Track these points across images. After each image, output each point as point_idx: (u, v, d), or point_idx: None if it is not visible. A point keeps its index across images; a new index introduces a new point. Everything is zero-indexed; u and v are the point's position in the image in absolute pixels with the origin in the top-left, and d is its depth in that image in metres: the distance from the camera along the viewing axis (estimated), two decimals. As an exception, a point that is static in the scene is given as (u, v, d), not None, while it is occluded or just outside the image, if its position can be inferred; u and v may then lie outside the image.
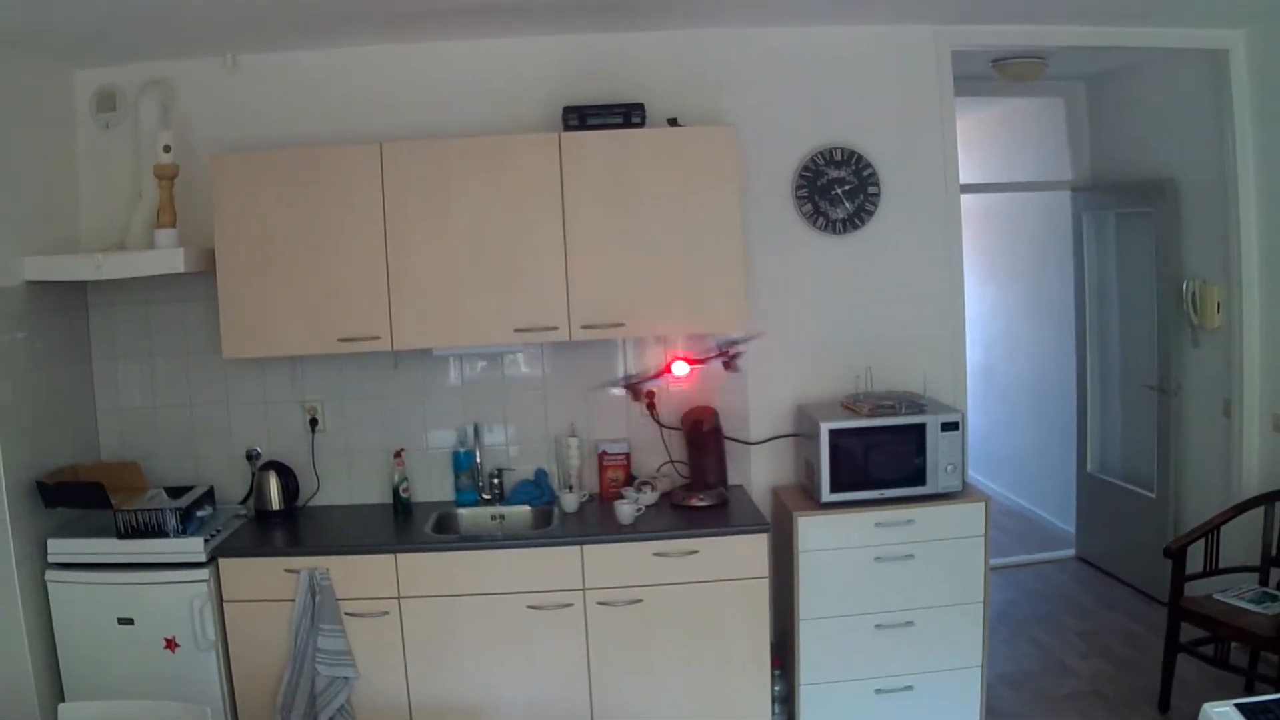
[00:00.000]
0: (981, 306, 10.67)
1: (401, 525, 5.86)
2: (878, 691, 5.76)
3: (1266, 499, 6.25)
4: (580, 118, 5.77)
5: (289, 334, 5.65)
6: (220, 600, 5.44)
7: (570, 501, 5.90)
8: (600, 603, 5.45)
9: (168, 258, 5.53)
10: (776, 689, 5.76)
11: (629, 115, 5.78)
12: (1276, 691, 4.29)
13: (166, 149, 5.68)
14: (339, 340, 5.63)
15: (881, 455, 5.73)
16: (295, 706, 5.37)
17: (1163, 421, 7.64)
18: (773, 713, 5.70)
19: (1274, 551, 6.16)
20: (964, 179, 6.66)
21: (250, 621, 5.44)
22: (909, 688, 5.77)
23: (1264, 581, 6.14)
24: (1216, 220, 6.90)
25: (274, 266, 5.59)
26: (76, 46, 5.69)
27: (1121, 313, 8.37)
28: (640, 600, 5.46)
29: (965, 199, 6.70)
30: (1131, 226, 8.12)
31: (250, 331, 5.64)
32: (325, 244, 5.59)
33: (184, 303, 6.13)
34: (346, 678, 5.38)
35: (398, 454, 6.10)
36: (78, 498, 5.50)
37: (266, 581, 5.41)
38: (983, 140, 10.34)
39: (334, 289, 5.61)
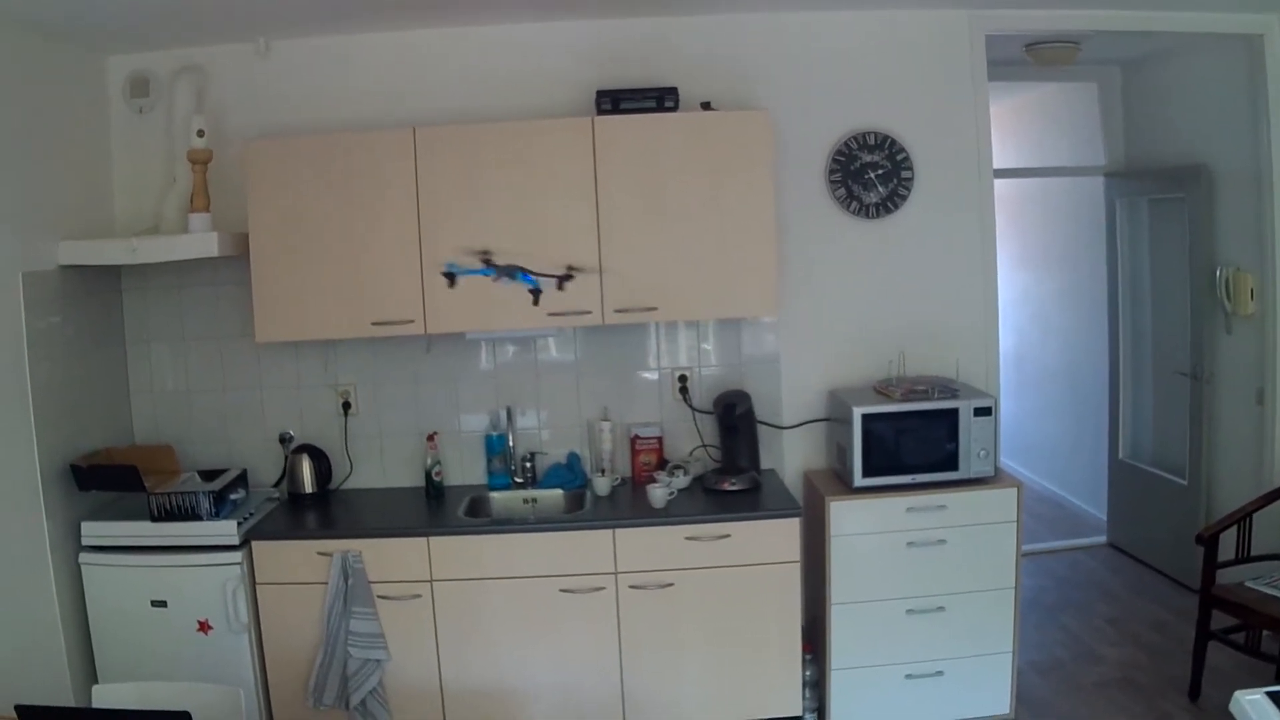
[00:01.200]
0: (1014, 292, 10.65)
1: (434, 508, 5.88)
2: (908, 677, 5.76)
3: (1299, 486, 6.24)
4: (613, 102, 5.77)
5: (322, 317, 5.68)
6: (253, 583, 5.47)
7: (602, 485, 5.92)
8: (632, 586, 5.46)
9: (201, 242, 5.56)
10: (807, 673, 5.76)
11: (662, 99, 5.78)
12: (1309, 680, 4.28)
13: (200, 134, 5.71)
14: (372, 324, 5.65)
15: (914, 440, 5.72)
16: (327, 689, 5.40)
17: (1195, 408, 7.61)
18: (803, 697, 5.71)
19: (1307, 539, 6.15)
20: (997, 164, 6.64)
21: (283, 604, 5.47)
22: (939, 673, 5.78)
23: (1296, 569, 6.12)
24: (1251, 206, 6.86)
25: (307, 250, 5.62)
26: (110, 33, 5.71)
27: (1154, 299, 8.33)
28: (672, 584, 5.47)
29: (998, 184, 6.68)
30: (1165, 212, 8.07)
31: (283, 315, 5.66)
32: (358, 228, 5.61)
33: (217, 286, 6.15)
34: (379, 660, 5.40)
35: (430, 437, 6.12)
36: (111, 481, 5.54)
37: (299, 564, 5.44)
38: (1016, 125, 10.30)
39: (367, 273, 5.63)
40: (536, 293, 5.60)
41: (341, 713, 5.43)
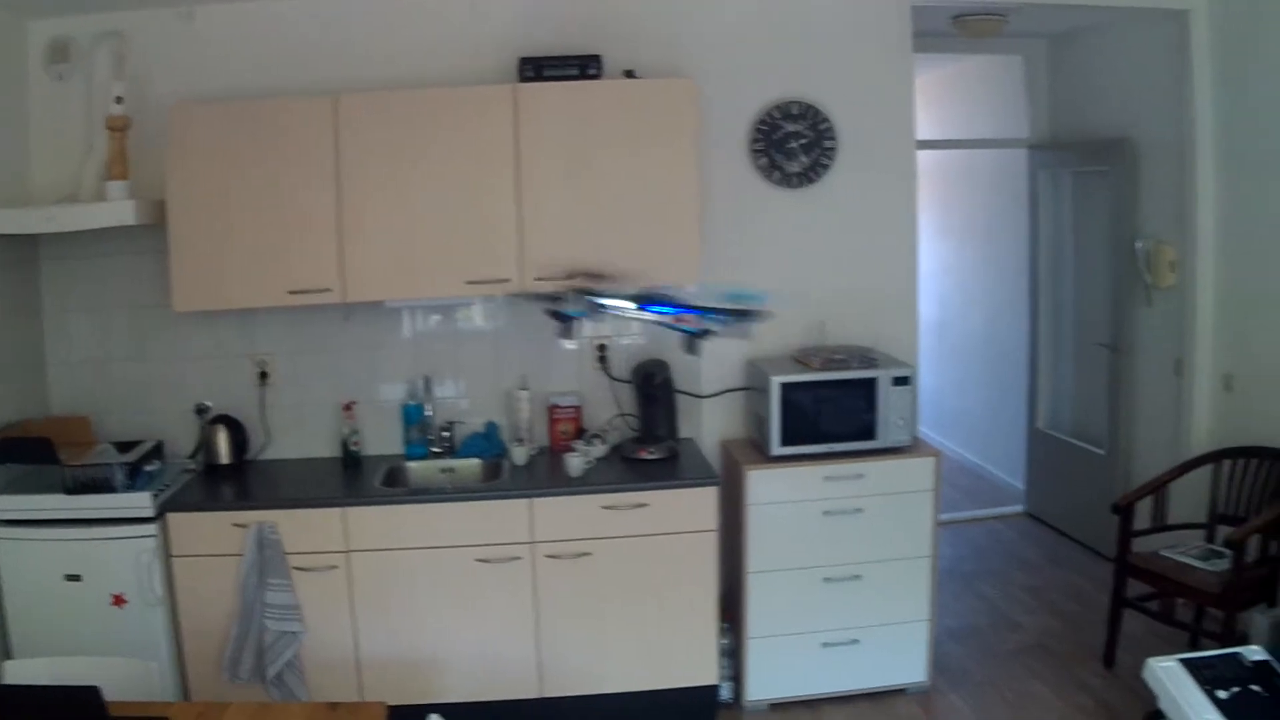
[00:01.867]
0: (936, 263, 10.74)
1: (350, 478, 5.86)
2: (825, 645, 5.81)
3: (1214, 457, 6.32)
4: (536, 69, 5.75)
5: (240, 286, 5.63)
6: (168, 555, 5.42)
7: (520, 454, 5.91)
8: (549, 555, 5.47)
9: (119, 210, 5.50)
10: (724, 642, 5.78)
11: (585, 67, 5.76)
12: (1221, 647, 4.33)
13: (119, 100, 5.65)
14: (289, 292, 5.61)
15: (832, 409, 5.75)
16: (243, 662, 5.38)
17: (1114, 379, 7.69)
18: (720, 665, 5.74)
19: (1221, 509, 6.22)
20: (922, 135, 6.69)
21: (198, 577, 5.42)
22: (856, 641, 5.83)
23: (1210, 539, 6.20)
24: (1172, 180, 6.93)
25: (226, 218, 5.56)
26: (30, -3, 5.65)
27: (1075, 270, 8.41)
28: (589, 553, 5.48)
29: (923, 155, 6.73)
30: (1088, 185, 8.14)
31: (202, 284, 5.60)
32: (278, 196, 5.57)
33: (136, 256, 6.07)
34: (294, 632, 5.38)
35: (348, 407, 6.09)
36: (25, 453, 5.49)
37: (214, 536, 5.39)
38: (941, 97, 10.34)
39: (286, 241, 5.59)
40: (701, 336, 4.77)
41: (258, 686, 5.39)
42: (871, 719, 5.81)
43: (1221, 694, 3.71)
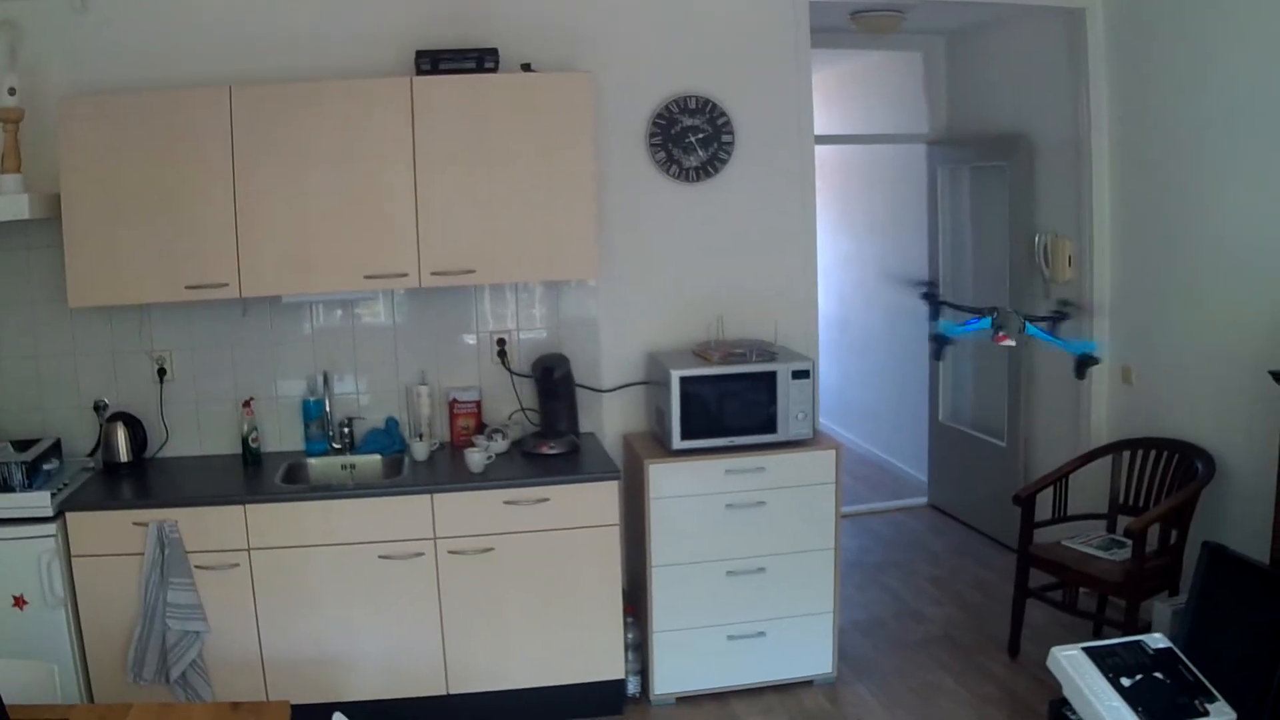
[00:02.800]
0: (838, 257, 10.83)
1: (251, 476, 5.79)
2: (730, 638, 5.82)
3: (1114, 448, 6.42)
4: (432, 62, 5.70)
5: (137, 281, 5.54)
6: (69, 556, 5.33)
7: (420, 450, 5.87)
8: (451, 551, 5.44)
9: (12, 203, 5.37)
10: (629, 636, 5.79)
11: (482, 60, 5.73)
12: (1123, 636, 4.38)
13: (11, 91, 5.54)
14: (187, 287, 5.53)
15: (732, 403, 5.76)
16: (147, 663, 5.29)
17: (1014, 371, 7.77)
18: (626, 660, 5.75)
19: (1121, 499, 6.30)
20: (821, 130, 6.71)
21: (100, 577, 5.34)
22: (761, 634, 5.84)
23: (1111, 529, 6.29)
24: (1069, 175, 7.01)
25: (122, 212, 5.47)
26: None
27: (975, 264, 8.50)
28: (492, 549, 5.46)
29: (822, 151, 6.75)
30: (986, 180, 8.22)
31: (97, 279, 5.51)
32: (174, 189, 5.48)
33: (30, 250, 5.95)
34: (198, 632, 5.31)
35: (247, 403, 6.02)
36: (-82, 454, 5.38)
37: (115, 535, 5.31)
38: (841, 92, 10.44)
39: (183, 235, 5.51)
40: None
41: (162, 686, 5.32)
42: (779, 711, 5.83)
43: (1125, 681, 3.74)
